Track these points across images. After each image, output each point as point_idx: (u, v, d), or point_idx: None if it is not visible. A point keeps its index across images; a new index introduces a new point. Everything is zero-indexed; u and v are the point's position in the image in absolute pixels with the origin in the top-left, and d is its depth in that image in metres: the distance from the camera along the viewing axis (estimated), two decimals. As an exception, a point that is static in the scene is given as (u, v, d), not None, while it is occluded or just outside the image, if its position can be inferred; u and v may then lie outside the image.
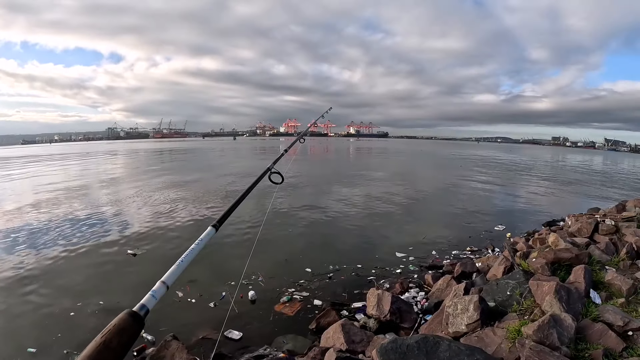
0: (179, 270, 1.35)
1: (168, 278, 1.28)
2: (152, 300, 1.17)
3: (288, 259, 8.01)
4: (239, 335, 5.06)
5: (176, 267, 1.35)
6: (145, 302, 1.14)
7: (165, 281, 1.26)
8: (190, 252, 1.46)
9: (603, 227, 6.69)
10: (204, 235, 1.63)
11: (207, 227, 1.70)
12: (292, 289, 6.46)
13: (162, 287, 1.24)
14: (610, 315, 3.42)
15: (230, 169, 27.63)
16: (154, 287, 1.22)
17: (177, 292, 6.16)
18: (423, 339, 3.05)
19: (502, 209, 14.36)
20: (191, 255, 1.45)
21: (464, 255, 8.32)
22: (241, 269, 4.36)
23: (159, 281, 1.24)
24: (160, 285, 1.24)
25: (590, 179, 27.54)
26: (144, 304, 1.13)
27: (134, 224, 10.98)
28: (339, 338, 4.34)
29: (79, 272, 7.39)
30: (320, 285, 6.69)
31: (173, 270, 1.33)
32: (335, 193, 17.17)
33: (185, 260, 1.40)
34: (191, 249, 1.47)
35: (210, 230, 1.70)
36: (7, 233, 10.20)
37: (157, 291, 1.21)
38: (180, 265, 1.36)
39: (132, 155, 50.95)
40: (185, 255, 1.42)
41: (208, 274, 6.86)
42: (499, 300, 4.23)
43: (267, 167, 2.77)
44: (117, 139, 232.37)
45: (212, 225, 1.74)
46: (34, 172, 26.67)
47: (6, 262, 7.95)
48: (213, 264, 7.20)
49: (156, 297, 1.19)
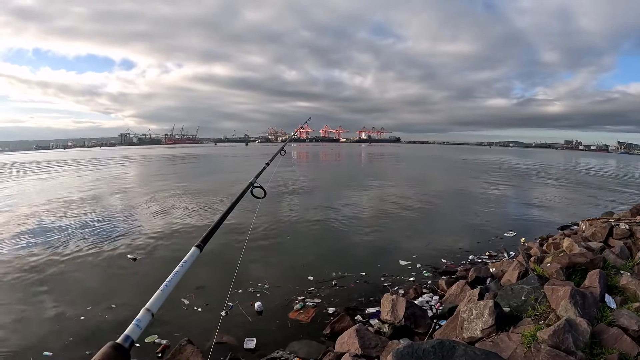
0: (163, 295, 1.30)
1: (152, 305, 1.23)
2: (137, 330, 1.12)
3: (294, 266, 8.02)
4: (254, 341, 5.08)
5: (160, 292, 1.30)
6: (129, 332, 1.09)
7: (149, 308, 1.21)
8: (175, 275, 1.41)
9: (617, 231, 6.65)
10: (187, 257, 1.57)
11: (191, 248, 1.64)
12: (301, 297, 6.47)
13: (146, 315, 1.19)
14: (625, 319, 3.43)
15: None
16: (138, 316, 1.16)
17: (183, 300, 6.21)
18: (439, 344, 3.08)
19: (514, 214, 14.23)
20: (176, 278, 1.40)
21: (479, 260, 8.29)
22: (245, 277, 4.38)
23: (143, 309, 1.20)
24: (144, 314, 1.19)
25: (603, 182, 27.18)
26: (128, 334, 1.08)
27: (140, 229, 11.16)
28: (353, 343, 4.36)
29: (89, 276, 7.56)
30: (330, 293, 6.70)
31: (157, 296, 1.28)
32: (343, 198, 17.19)
33: (170, 284, 1.36)
34: (175, 272, 1.43)
35: (194, 251, 1.64)
36: (21, 236, 10.52)
37: (142, 320, 1.16)
38: (164, 290, 1.32)
39: (144, 162, 51.25)
40: (170, 279, 1.37)
41: (213, 282, 6.89)
42: (513, 306, 4.24)
43: (250, 181, 2.76)
44: (130, 145, 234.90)
45: (196, 246, 1.68)
46: (47, 178, 26.99)
47: (19, 264, 8.18)
48: (216, 271, 7.22)
49: (141, 327, 1.14)
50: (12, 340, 5.21)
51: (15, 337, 5.27)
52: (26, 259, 8.45)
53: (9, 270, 7.83)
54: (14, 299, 6.51)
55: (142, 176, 29.92)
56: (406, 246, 9.51)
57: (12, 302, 6.41)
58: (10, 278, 7.42)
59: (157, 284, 1.30)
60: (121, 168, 38.58)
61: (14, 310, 6.09)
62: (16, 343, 5.13)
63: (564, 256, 5.16)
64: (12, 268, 7.94)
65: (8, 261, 8.37)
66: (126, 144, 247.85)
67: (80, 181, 25.37)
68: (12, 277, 7.45)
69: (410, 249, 9.23)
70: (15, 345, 5.07)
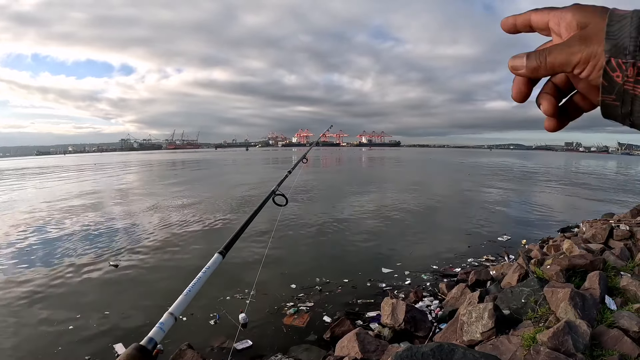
0: (187, 300, 1.29)
1: (176, 309, 1.22)
2: (160, 332, 1.11)
3: (286, 272, 7.90)
4: (248, 342, 5.12)
5: (184, 297, 1.29)
6: (153, 335, 1.08)
7: (173, 312, 1.20)
8: (198, 281, 1.40)
9: (617, 232, 6.65)
10: (210, 263, 1.54)
11: (214, 254, 1.61)
12: (290, 303, 6.41)
13: (170, 319, 1.18)
14: (625, 321, 3.42)
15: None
16: (162, 319, 1.15)
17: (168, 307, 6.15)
18: (438, 347, 3.07)
19: (512, 217, 14.17)
20: (199, 284, 1.39)
21: (477, 264, 8.27)
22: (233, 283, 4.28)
23: (167, 312, 1.19)
24: (168, 317, 1.18)
25: (603, 184, 27.19)
26: (152, 337, 1.07)
27: (139, 236, 11.17)
28: (353, 347, 4.35)
29: (83, 286, 7.53)
30: (321, 298, 6.65)
31: (181, 300, 1.27)
32: (341, 202, 17.24)
33: (193, 289, 1.35)
34: (198, 277, 1.42)
35: (217, 258, 1.62)
36: (18, 244, 10.60)
37: (165, 323, 1.15)
38: (188, 295, 1.31)
39: (145, 167, 51.27)
40: (193, 284, 1.37)
41: (205, 290, 6.81)
42: (513, 308, 4.24)
43: (272, 189, 2.78)
44: (131, 150, 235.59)
45: (219, 252, 1.65)
46: (45, 185, 27.03)
47: (16, 273, 8.24)
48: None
49: (164, 330, 1.12)
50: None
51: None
52: (25, 268, 8.54)
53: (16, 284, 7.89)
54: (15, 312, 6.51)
55: (154, 182, 29.92)
56: (399, 252, 9.46)
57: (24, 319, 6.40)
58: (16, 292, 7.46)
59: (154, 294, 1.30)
60: (129, 174, 38.60)
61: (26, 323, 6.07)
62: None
63: (564, 258, 5.16)
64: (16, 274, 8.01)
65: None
66: (127, 149, 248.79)
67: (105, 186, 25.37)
68: (16, 288, 7.49)
69: (408, 254, 9.22)
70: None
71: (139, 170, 45.33)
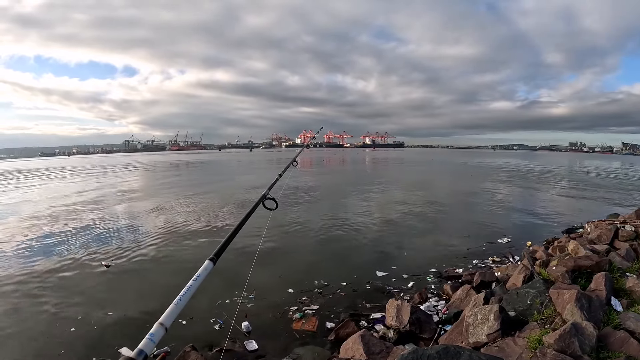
0: (177, 309, 1.29)
1: (166, 319, 1.22)
2: (150, 344, 1.11)
3: (282, 275, 7.85)
4: (256, 347, 5.11)
5: (174, 306, 1.29)
6: (142, 347, 1.08)
7: (163, 323, 1.20)
8: (188, 289, 1.40)
9: (623, 233, 6.61)
10: (201, 270, 1.54)
11: (205, 261, 1.62)
12: (294, 307, 6.37)
13: (160, 329, 1.18)
14: (631, 322, 3.41)
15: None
16: (152, 330, 1.15)
17: None
18: (444, 349, 3.05)
19: (516, 218, 14.13)
20: (189, 293, 1.39)
21: (483, 265, 8.24)
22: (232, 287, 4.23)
23: (157, 323, 1.19)
24: (158, 328, 1.18)
25: (608, 184, 26.99)
26: (142, 349, 1.07)
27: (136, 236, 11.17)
28: (358, 349, 4.34)
29: (83, 286, 7.55)
30: (325, 301, 6.62)
31: (171, 310, 1.27)
32: (344, 204, 17.24)
33: (184, 299, 1.35)
34: (188, 286, 1.41)
35: (208, 265, 1.61)
36: (26, 241, 10.76)
37: (155, 334, 1.15)
38: (178, 305, 1.31)
39: (149, 169, 51.33)
40: (183, 293, 1.36)
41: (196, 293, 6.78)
42: (519, 310, 4.22)
43: (263, 193, 2.74)
44: (135, 152, 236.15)
45: (210, 259, 1.65)
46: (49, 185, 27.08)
47: (16, 273, 8.28)
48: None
49: (154, 341, 1.13)
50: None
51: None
52: (30, 266, 8.54)
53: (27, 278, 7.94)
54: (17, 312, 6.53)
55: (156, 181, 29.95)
56: (399, 252, 9.46)
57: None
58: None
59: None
60: (136, 175, 38.68)
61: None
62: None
63: (570, 259, 5.13)
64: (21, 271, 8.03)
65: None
66: (131, 151, 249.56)
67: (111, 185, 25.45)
68: (19, 285, 7.52)
69: (408, 254, 9.22)
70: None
71: (142, 173, 45.42)
